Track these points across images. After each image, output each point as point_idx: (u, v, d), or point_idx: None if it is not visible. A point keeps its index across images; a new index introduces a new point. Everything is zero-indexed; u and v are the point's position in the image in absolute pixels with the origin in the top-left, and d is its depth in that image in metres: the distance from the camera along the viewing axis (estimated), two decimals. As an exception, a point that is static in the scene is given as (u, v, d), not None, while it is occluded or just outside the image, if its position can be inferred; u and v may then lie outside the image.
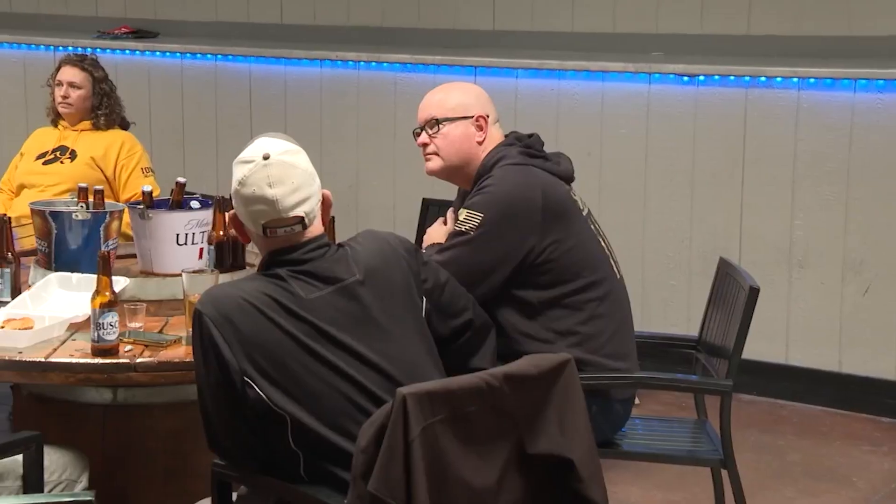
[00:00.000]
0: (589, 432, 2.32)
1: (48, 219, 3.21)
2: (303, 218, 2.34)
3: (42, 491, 2.55)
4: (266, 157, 2.32)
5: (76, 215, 3.22)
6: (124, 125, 4.62)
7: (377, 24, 5.59)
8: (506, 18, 5.30)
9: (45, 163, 4.51)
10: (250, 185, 2.32)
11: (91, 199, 3.32)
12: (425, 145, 3.10)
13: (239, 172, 2.34)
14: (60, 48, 5.75)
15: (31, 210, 3.31)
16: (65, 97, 4.50)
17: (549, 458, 2.27)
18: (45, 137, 4.59)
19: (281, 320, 2.28)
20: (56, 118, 4.58)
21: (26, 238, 3.48)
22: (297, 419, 2.26)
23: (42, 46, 6.00)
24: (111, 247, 3.21)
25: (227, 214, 2.30)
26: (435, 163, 3.09)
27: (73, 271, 3.12)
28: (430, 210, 3.99)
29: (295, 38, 5.68)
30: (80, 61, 4.56)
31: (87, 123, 4.54)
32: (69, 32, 6.03)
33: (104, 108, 4.54)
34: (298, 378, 2.27)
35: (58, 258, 3.21)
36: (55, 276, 3.11)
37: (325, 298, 2.32)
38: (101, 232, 3.22)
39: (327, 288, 2.33)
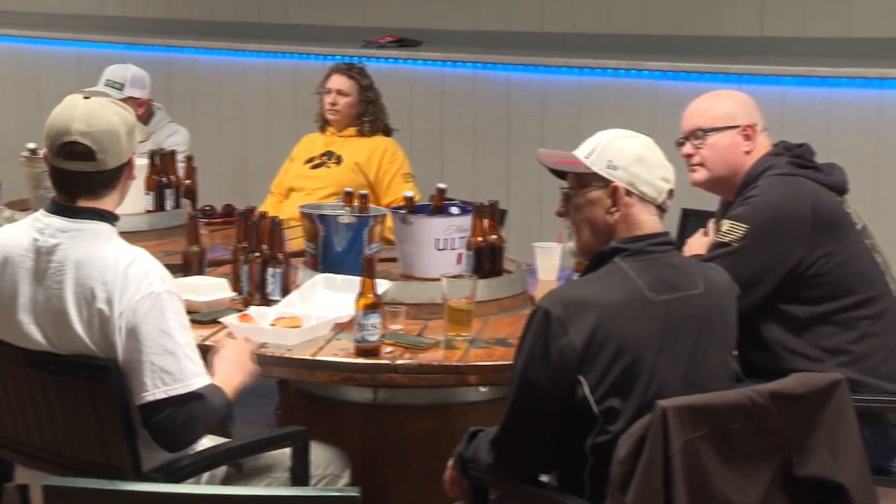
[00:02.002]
0: (862, 457, 2.21)
1: (316, 221, 3.33)
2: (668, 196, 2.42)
3: (308, 484, 2.64)
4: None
5: (342, 218, 3.32)
6: (388, 132, 4.74)
7: (638, 32, 5.51)
8: (774, 24, 5.11)
9: (312, 167, 4.68)
10: (657, 152, 2.40)
11: (356, 203, 3.42)
12: (690, 156, 3.02)
13: (637, 142, 2.40)
14: (329, 57, 5.96)
15: (301, 213, 3.44)
16: (333, 104, 4.66)
17: (818, 481, 2.17)
18: (314, 143, 4.77)
19: (626, 322, 2.25)
20: (324, 124, 4.75)
21: (294, 240, 3.62)
22: (610, 422, 2.24)
23: (312, 55, 6.24)
24: (374, 250, 3.29)
25: (613, 186, 2.35)
26: (701, 174, 3.01)
27: (338, 273, 3.21)
28: (690, 220, 3.90)
29: (554, 47, 5.67)
30: (348, 69, 4.71)
31: (352, 130, 4.69)
32: (338, 42, 6.25)
33: (369, 115, 4.67)
34: (631, 380, 2.24)
35: (324, 259, 3.31)
36: (321, 277, 3.22)
37: (668, 303, 2.30)
38: (365, 235, 3.31)
39: (671, 294, 2.31)
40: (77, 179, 2.47)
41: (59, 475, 2.11)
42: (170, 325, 2.41)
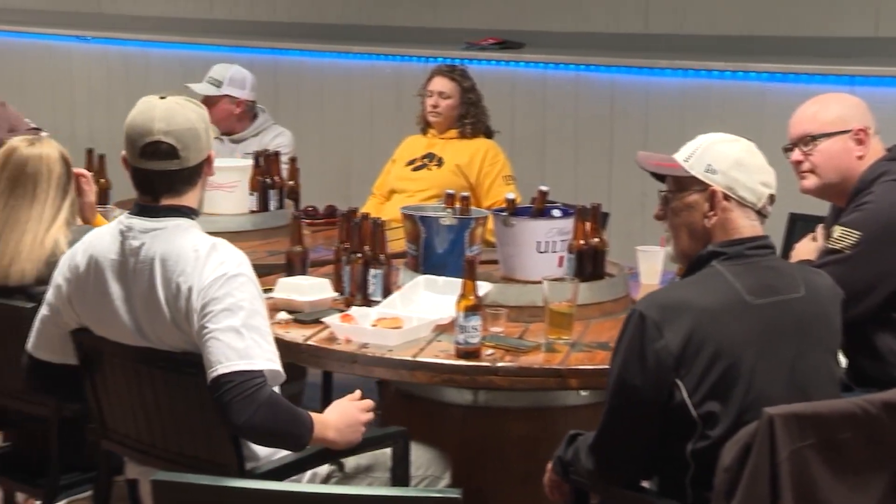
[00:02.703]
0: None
1: (418, 223, 3.34)
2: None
3: (408, 485, 2.65)
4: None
5: (444, 220, 3.32)
6: (489, 134, 4.74)
7: (746, 33, 5.42)
8: (891, 24, 4.97)
9: (414, 169, 4.70)
10: (757, 156, 2.38)
11: (458, 205, 3.43)
12: (799, 163, 2.95)
13: (737, 146, 2.38)
14: (431, 59, 5.98)
15: (402, 214, 3.46)
16: (434, 106, 4.66)
17: (934, 496, 2.10)
18: (415, 145, 4.79)
19: (724, 325, 2.23)
20: (425, 126, 4.76)
21: (396, 241, 3.63)
22: (710, 427, 2.21)
23: (415, 58, 6.26)
24: (475, 252, 3.28)
25: (711, 191, 2.33)
26: (811, 181, 2.94)
27: (439, 274, 3.22)
28: (798, 225, 3.82)
29: (659, 48, 5.61)
30: (450, 72, 4.70)
31: (453, 132, 4.69)
32: (440, 44, 6.26)
33: (471, 118, 4.66)
34: (729, 384, 2.21)
35: (425, 261, 3.32)
36: (423, 279, 3.22)
37: (767, 307, 2.27)
38: (467, 237, 3.31)
39: (770, 297, 2.28)
40: (160, 178, 2.50)
41: (166, 471, 2.14)
42: (239, 306, 2.40)
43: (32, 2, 8.27)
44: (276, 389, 2.48)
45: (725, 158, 2.35)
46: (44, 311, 2.65)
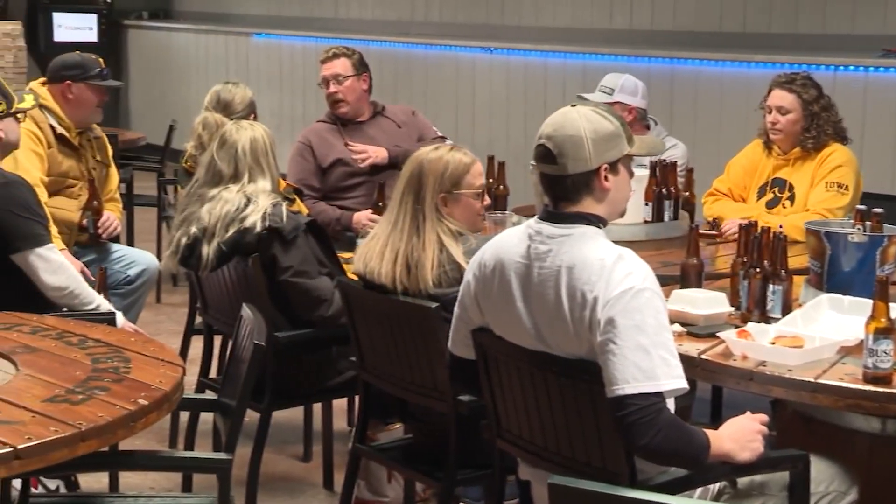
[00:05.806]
0: None
1: (823, 239, 3.20)
2: None
3: (808, 504, 2.54)
4: None
5: (852, 237, 3.17)
6: (841, 139, 4.26)
7: None
8: None
9: (767, 203, 4.32)
10: None
11: (868, 221, 3.24)
12: None
13: None
14: (841, 68, 5.70)
15: (806, 230, 3.32)
16: (774, 123, 4.27)
17: None
18: (762, 162, 4.40)
19: None
20: (768, 141, 4.37)
21: (792, 257, 3.47)
22: None
23: (822, 66, 5.95)
24: (887, 272, 3.10)
25: None
26: None
27: (844, 293, 3.08)
28: None
29: None
30: (789, 83, 4.27)
31: (797, 151, 4.26)
32: (851, 51, 5.94)
33: (813, 131, 4.21)
34: None
35: (830, 279, 3.18)
36: (826, 297, 3.10)
37: None
38: (878, 256, 3.14)
39: None
40: (544, 182, 2.54)
41: (556, 475, 2.15)
42: (647, 323, 2.36)
43: (441, 15, 8.71)
44: (671, 401, 2.44)
45: None
46: (457, 308, 2.75)
